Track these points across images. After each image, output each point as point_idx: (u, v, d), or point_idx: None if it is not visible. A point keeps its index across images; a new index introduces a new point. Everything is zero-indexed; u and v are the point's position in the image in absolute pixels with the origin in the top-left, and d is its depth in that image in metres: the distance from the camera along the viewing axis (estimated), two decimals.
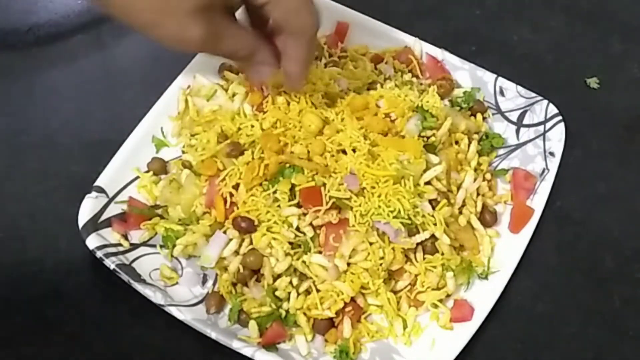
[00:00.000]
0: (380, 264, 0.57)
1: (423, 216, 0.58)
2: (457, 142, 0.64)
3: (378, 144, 0.59)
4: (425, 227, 0.58)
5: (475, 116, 0.67)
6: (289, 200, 0.57)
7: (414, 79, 0.68)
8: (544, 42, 0.75)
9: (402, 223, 0.57)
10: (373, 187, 0.57)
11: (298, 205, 0.57)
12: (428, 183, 0.59)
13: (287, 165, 0.58)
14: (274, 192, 0.57)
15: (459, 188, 0.62)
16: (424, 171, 0.59)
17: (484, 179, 0.64)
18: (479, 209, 0.62)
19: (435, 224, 0.58)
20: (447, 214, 0.59)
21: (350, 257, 0.57)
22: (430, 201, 0.59)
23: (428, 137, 0.62)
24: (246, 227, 0.57)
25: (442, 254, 0.59)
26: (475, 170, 0.64)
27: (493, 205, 0.64)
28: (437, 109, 0.63)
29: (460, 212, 0.62)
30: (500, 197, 0.65)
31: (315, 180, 0.57)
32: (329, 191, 0.57)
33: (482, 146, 0.66)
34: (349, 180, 0.57)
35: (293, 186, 0.57)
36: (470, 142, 0.65)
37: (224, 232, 0.58)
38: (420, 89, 0.66)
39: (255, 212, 0.57)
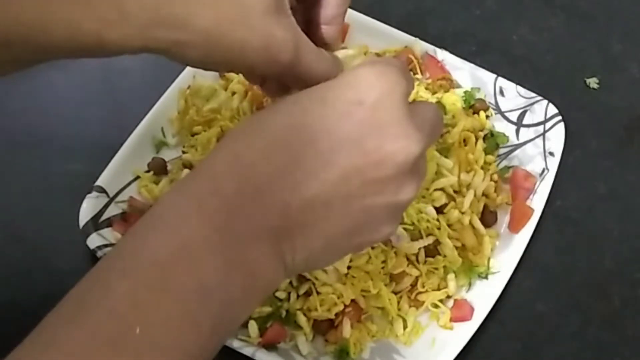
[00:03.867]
0: (382, 267, 0.57)
1: (428, 221, 0.58)
2: (464, 141, 0.64)
3: None
4: (429, 232, 0.58)
5: (478, 114, 0.67)
6: None
7: (420, 76, 0.68)
8: (544, 42, 0.75)
9: (404, 229, 0.57)
10: None
11: None
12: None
13: None
14: None
15: (467, 188, 0.62)
16: (435, 173, 0.59)
17: (490, 179, 0.63)
18: (480, 209, 0.62)
19: (439, 228, 0.58)
20: (455, 218, 0.59)
21: (351, 260, 0.57)
22: None
23: (442, 135, 0.61)
24: None
25: (445, 256, 0.59)
26: (482, 168, 0.64)
27: (493, 205, 0.64)
28: (455, 108, 0.63)
29: (463, 212, 0.61)
30: (501, 198, 0.64)
31: None
32: None
33: (487, 144, 0.66)
34: None
35: None
36: (476, 141, 0.65)
37: None
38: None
39: None
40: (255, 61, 0.40)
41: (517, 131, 0.67)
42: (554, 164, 0.65)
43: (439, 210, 0.59)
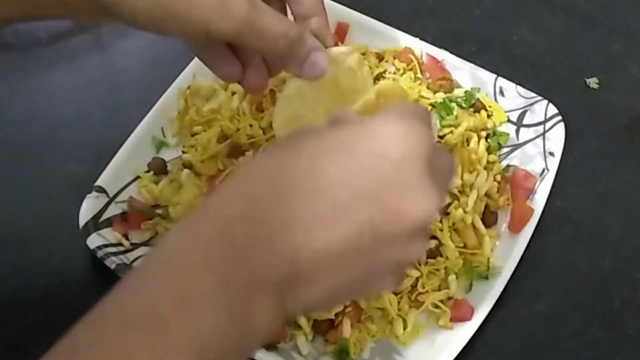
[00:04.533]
0: None
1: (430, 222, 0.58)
2: (467, 141, 0.64)
3: None
4: (431, 234, 0.58)
5: (479, 112, 0.67)
6: None
7: (420, 76, 0.68)
8: (544, 42, 0.75)
9: None
10: None
11: None
12: None
13: None
14: None
15: (471, 189, 0.62)
16: None
17: (494, 179, 0.63)
18: (482, 209, 0.62)
19: (442, 230, 0.58)
20: (459, 217, 0.59)
21: None
22: None
23: (444, 136, 0.61)
24: None
25: (447, 257, 0.59)
26: (485, 168, 0.63)
27: (495, 206, 0.64)
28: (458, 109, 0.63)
29: (466, 212, 0.61)
30: (503, 199, 0.64)
31: None
32: None
33: (489, 144, 0.65)
34: None
35: None
36: (479, 140, 0.64)
37: None
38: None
39: None
40: (208, 16, 0.39)
41: (517, 131, 0.67)
42: (554, 164, 0.65)
43: (442, 211, 0.59)
